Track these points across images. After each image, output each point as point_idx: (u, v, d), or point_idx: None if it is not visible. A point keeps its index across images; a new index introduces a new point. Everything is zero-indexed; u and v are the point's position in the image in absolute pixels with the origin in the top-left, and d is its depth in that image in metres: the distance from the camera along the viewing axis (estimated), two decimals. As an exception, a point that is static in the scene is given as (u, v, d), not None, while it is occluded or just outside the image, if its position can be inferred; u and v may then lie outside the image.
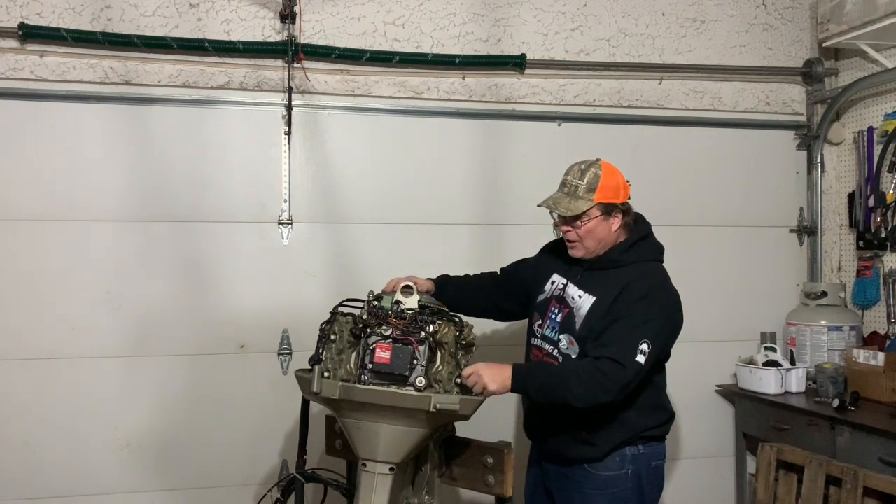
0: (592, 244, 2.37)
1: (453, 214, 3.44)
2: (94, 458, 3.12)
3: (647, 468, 2.36)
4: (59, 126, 3.10)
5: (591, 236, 2.36)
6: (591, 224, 2.35)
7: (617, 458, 2.33)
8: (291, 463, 2.74)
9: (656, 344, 2.22)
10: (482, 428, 2.50)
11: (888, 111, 3.48)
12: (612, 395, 2.18)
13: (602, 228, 2.36)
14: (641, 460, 2.35)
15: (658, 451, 2.41)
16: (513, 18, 3.52)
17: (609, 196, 2.34)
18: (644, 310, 2.24)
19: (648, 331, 2.21)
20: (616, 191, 2.36)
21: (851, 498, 2.40)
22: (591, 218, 2.34)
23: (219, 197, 3.24)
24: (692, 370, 3.56)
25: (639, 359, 2.18)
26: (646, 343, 2.19)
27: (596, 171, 2.35)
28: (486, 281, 2.70)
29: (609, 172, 2.36)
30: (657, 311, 2.26)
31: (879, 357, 3.14)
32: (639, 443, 2.35)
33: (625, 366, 2.17)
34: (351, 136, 3.37)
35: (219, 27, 3.24)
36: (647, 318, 2.23)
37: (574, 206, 2.33)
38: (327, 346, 2.26)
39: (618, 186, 2.36)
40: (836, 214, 3.78)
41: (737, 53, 3.76)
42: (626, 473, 2.33)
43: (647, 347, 2.19)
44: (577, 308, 2.36)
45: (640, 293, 2.27)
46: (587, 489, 2.34)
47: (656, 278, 2.35)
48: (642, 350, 2.18)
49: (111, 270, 3.15)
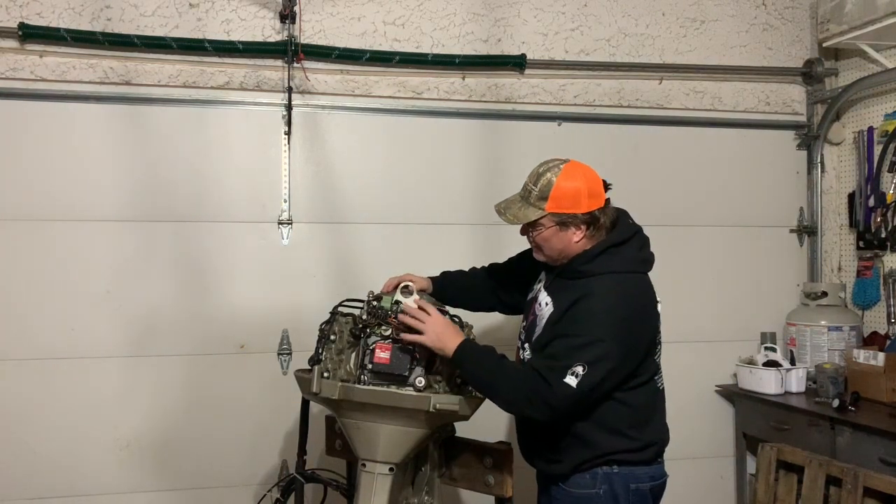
0: (552, 254, 2.20)
1: (453, 214, 3.44)
2: (94, 458, 3.12)
3: (624, 490, 2.16)
4: (59, 126, 3.10)
5: (548, 246, 2.18)
6: (546, 234, 2.16)
7: (587, 477, 2.16)
8: (291, 463, 2.74)
9: (598, 368, 2.01)
10: (482, 428, 2.50)
11: (888, 111, 3.48)
12: (539, 411, 2.04)
13: (558, 240, 2.16)
14: (617, 480, 2.15)
15: (638, 475, 2.18)
16: (513, 18, 3.52)
17: (564, 206, 2.11)
18: (588, 330, 2.03)
19: (588, 354, 2.00)
20: (574, 200, 2.11)
21: (851, 498, 2.40)
22: (544, 227, 2.15)
23: (219, 197, 3.24)
24: (692, 370, 3.56)
25: (568, 380, 1.98)
26: (581, 366, 1.98)
27: (551, 176, 2.12)
28: (486, 274, 2.61)
29: (568, 177, 2.12)
30: (603, 333, 2.03)
31: (879, 357, 3.14)
32: (613, 464, 2.15)
33: (550, 385, 2.00)
34: (351, 136, 3.37)
35: (219, 27, 3.24)
36: (590, 340, 2.02)
37: (522, 215, 2.15)
38: (327, 346, 2.26)
39: (577, 195, 2.11)
40: (836, 214, 3.78)
41: (737, 53, 3.76)
42: (599, 493, 2.15)
43: (581, 370, 1.98)
44: (540, 317, 2.22)
45: (589, 312, 2.06)
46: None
47: (612, 296, 2.09)
48: (574, 372, 1.98)
49: (111, 270, 3.15)
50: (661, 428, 2.27)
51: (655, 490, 2.24)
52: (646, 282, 2.23)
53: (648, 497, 2.21)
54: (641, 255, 2.24)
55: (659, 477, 2.24)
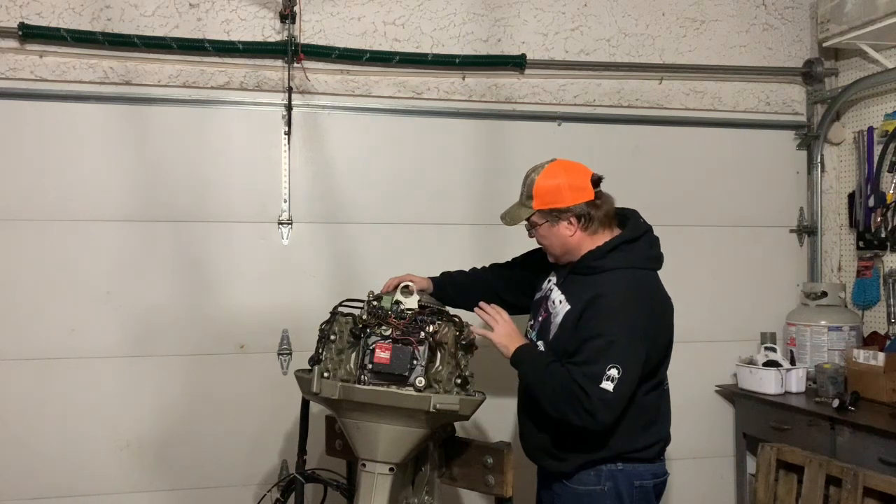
0: (556, 251, 2.27)
1: (453, 214, 3.44)
2: (94, 458, 3.12)
3: (628, 486, 2.20)
4: (58, 126, 3.10)
5: (548, 243, 2.27)
6: (542, 231, 2.26)
7: (592, 474, 2.20)
8: (291, 463, 2.74)
9: (630, 364, 2.05)
10: (482, 428, 2.50)
11: (888, 111, 3.48)
12: (583, 420, 2.05)
13: (553, 235, 2.24)
14: (621, 478, 2.19)
15: (641, 472, 2.22)
16: (513, 18, 3.52)
17: (549, 201, 2.20)
18: (612, 329, 2.07)
19: (619, 353, 2.04)
20: (557, 194, 2.19)
21: (851, 498, 2.39)
22: (539, 225, 2.25)
23: (219, 197, 3.24)
24: (692, 370, 3.56)
25: (605, 385, 2.02)
26: (615, 368, 2.02)
27: (534, 176, 2.23)
28: (488, 274, 2.62)
29: (548, 174, 2.21)
30: (626, 330, 2.07)
31: (879, 357, 3.14)
32: (618, 461, 2.19)
33: (589, 394, 2.02)
34: (351, 136, 3.37)
35: (219, 27, 3.24)
36: (616, 337, 2.05)
37: (516, 216, 2.27)
38: (327, 346, 2.26)
39: (558, 189, 2.19)
40: (836, 214, 3.78)
41: (737, 53, 3.76)
42: (603, 490, 2.19)
43: (616, 373, 2.02)
44: (554, 315, 2.25)
45: (608, 310, 2.09)
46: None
47: (628, 291, 2.13)
48: (610, 377, 2.02)
49: (111, 270, 3.15)
50: (666, 426, 2.30)
51: (658, 487, 2.28)
52: (658, 279, 2.27)
53: (651, 494, 2.25)
54: (652, 252, 2.28)
55: (661, 474, 2.28)
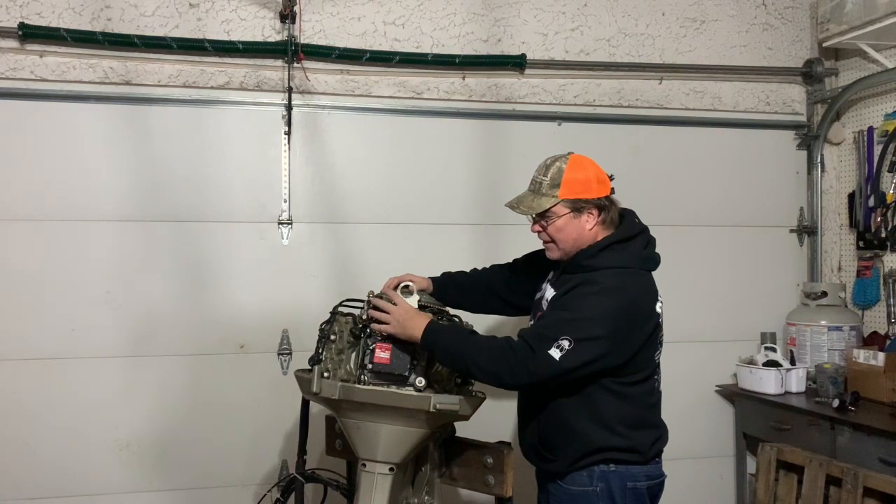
0: (567, 245, 2.21)
1: (453, 214, 3.44)
2: (94, 458, 3.12)
3: (621, 487, 2.16)
4: (59, 126, 3.10)
5: (563, 236, 2.20)
6: (560, 223, 2.19)
7: (584, 475, 2.17)
8: (291, 463, 2.74)
9: (585, 347, 2.01)
10: (482, 428, 2.50)
11: (888, 111, 3.48)
12: (517, 377, 2.04)
13: (573, 227, 2.19)
14: (614, 479, 2.16)
15: (635, 473, 2.18)
16: (513, 18, 3.52)
17: (577, 191, 2.17)
18: (580, 310, 2.06)
19: (577, 329, 2.01)
20: (585, 185, 2.17)
21: (851, 498, 2.40)
22: (557, 216, 2.18)
23: (219, 197, 3.24)
24: (692, 370, 3.56)
25: (552, 352, 1.99)
26: (567, 340, 2.00)
27: (560, 165, 2.19)
28: (489, 275, 2.61)
29: (576, 166, 2.19)
30: (598, 313, 2.05)
31: (879, 357, 3.14)
32: (610, 462, 2.16)
33: (535, 352, 2.00)
34: (351, 136, 3.37)
35: (219, 27, 3.24)
36: (581, 316, 2.04)
37: (536, 204, 2.19)
38: (327, 346, 2.26)
39: (587, 180, 2.18)
40: (836, 214, 3.78)
41: (737, 53, 3.76)
42: (595, 490, 2.16)
43: (567, 345, 1.99)
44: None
45: (585, 294, 2.09)
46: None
47: (609, 285, 2.10)
48: (560, 346, 1.99)
49: (111, 270, 3.15)
50: (657, 429, 2.26)
51: (653, 489, 2.24)
52: (647, 279, 2.24)
53: (645, 496, 2.22)
54: (646, 252, 2.26)
55: (656, 476, 2.25)
